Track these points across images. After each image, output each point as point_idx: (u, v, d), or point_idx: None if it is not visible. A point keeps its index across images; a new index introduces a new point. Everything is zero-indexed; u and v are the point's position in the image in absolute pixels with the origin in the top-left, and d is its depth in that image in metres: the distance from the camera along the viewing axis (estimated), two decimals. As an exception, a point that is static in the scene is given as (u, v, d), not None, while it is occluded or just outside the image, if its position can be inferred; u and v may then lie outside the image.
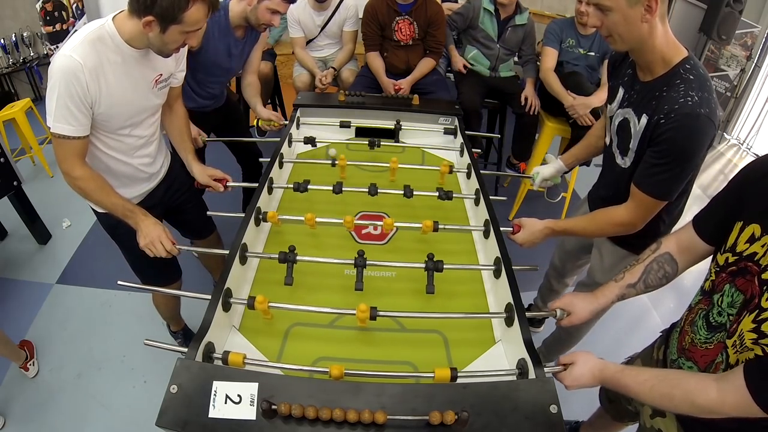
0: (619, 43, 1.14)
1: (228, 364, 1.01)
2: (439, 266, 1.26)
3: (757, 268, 0.81)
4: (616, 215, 1.27)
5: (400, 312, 1.19)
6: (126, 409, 1.85)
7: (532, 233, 1.39)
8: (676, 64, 1.12)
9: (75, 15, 4.31)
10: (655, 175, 1.16)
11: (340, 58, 2.88)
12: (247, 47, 1.99)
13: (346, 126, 2.10)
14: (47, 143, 3.49)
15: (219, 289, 1.13)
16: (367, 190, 1.58)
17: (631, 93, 1.24)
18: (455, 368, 1.01)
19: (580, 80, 2.43)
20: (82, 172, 1.29)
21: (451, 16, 2.68)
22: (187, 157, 1.66)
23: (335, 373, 0.98)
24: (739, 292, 0.85)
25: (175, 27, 1.17)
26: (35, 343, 2.08)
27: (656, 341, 1.22)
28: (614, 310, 2.12)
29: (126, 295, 2.32)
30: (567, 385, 0.97)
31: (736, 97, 3.94)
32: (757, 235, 0.83)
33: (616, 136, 1.31)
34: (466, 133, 2.00)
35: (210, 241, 1.93)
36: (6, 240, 2.74)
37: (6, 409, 1.85)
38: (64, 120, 1.20)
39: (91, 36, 1.19)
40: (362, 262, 1.25)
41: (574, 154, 1.65)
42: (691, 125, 1.06)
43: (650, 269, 1.07)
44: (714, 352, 0.90)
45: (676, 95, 1.08)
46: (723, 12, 3.41)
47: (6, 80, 4.31)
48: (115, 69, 1.24)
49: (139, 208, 1.37)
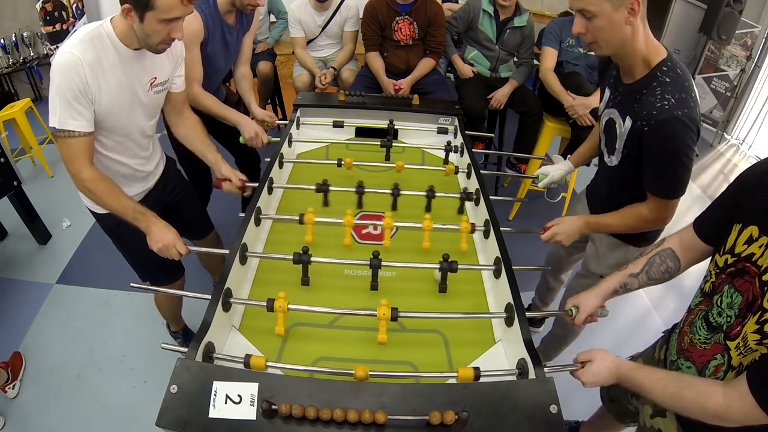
0: (604, 48, 1.16)
1: (250, 367, 1.00)
2: (453, 267, 1.26)
3: (756, 270, 0.82)
4: (641, 212, 1.29)
5: (400, 312, 1.18)
6: (126, 409, 1.85)
7: (569, 228, 1.41)
8: (654, 66, 1.15)
9: (75, 15, 4.31)
10: (657, 178, 1.19)
11: (341, 58, 2.88)
12: (241, 34, 1.97)
13: (339, 126, 2.09)
14: (47, 143, 3.49)
15: (219, 289, 1.13)
16: (371, 190, 1.58)
17: (616, 94, 1.28)
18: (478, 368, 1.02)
19: (579, 80, 2.43)
20: (91, 173, 1.27)
21: (450, 21, 2.68)
22: (215, 158, 1.60)
23: (360, 374, 0.97)
24: (738, 293, 0.86)
25: (150, 14, 1.16)
26: (34, 345, 2.08)
27: (658, 341, 1.23)
28: (614, 310, 2.12)
29: (126, 295, 2.32)
30: (585, 382, 0.99)
31: (736, 97, 3.94)
32: (755, 236, 0.84)
33: (603, 134, 1.35)
34: (466, 133, 2.00)
35: (209, 241, 1.93)
36: (6, 240, 2.74)
37: (6, 409, 1.85)
38: (68, 116, 1.20)
39: (90, 34, 1.20)
40: (377, 263, 1.25)
41: (582, 153, 1.66)
42: (669, 129, 1.09)
43: (653, 262, 1.09)
44: (711, 352, 0.92)
45: (653, 99, 1.11)
46: (723, 12, 3.41)
47: (6, 80, 4.31)
48: (113, 68, 1.25)
49: (150, 211, 1.35)
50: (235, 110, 1.92)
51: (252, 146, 1.93)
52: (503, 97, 2.67)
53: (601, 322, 1.57)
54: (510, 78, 2.70)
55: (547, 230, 1.45)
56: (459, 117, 2.12)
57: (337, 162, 1.75)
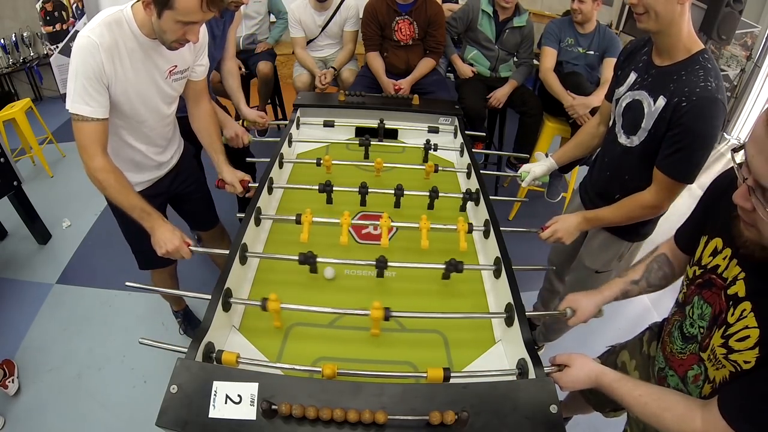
0: (653, 21, 1.16)
1: (222, 363, 1.01)
2: (459, 267, 1.27)
3: (722, 282, 0.84)
4: (642, 199, 1.31)
5: (400, 312, 1.18)
6: (126, 409, 1.85)
7: (569, 225, 1.42)
8: (695, 52, 1.18)
9: (75, 15, 4.31)
10: (676, 158, 1.20)
11: (341, 58, 2.88)
12: (227, 26, 1.94)
13: (330, 126, 2.09)
14: (47, 143, 3.49)
15: (219, 289, 1.13)
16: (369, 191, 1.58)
17: (645, 77, 1.28)
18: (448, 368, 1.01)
19: (579, 80, 2.43)
20: (102, 163, 1.26)
21: (449, 21, 2.68)
22: (218, 158, 1.61)
23: (327, 372, 0.97)
24: (707, 305, 0.89)
25: (169, 13, 1.16)
26: (34, 345, 2.08)
27: (644, 334, 1.25)
28: (615, 310, 2.12)
29: (126, 295, 2.32)
30: (562, 386, 0.99)
31: (736, 97, 3.94)
32: (720, 248, 0.86)
33: (621, 117, 1.35)
34: (465, 133, 2.00)
35: (214, 234, 1.93)
36: (6, 240, 2.74)
37: (6, 409, 1.85)
38: (81, 100, 1.20)
39: (108, 19, 1.21)
40: (383, 265, 1.25)
41: (565, 151, 1.68)
42: (710, 108, 1.12)
43: (651, 268, 1.11)
44: (688, 362, 0.94)
45: (696, 79, 1.14)
46: (723, 12, 3.40)
47: (6, 80, 4.31)
48: (131, 54, 1.25)
49: (156, 212, 1.33)
50: (221, 110, 1.90)
51: (232, 146, 1.91)
52: (503, 96, 2.67)
53: (602, 321, 1.57)
54: (510, 78, 2.70)
55: (546, 229, 1.45)
56: (459, 117, 2.12)
57: (316, 161, 1.74)
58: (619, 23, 4.16)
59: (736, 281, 0.81)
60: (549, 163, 1.66)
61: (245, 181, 1.62)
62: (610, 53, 2.41)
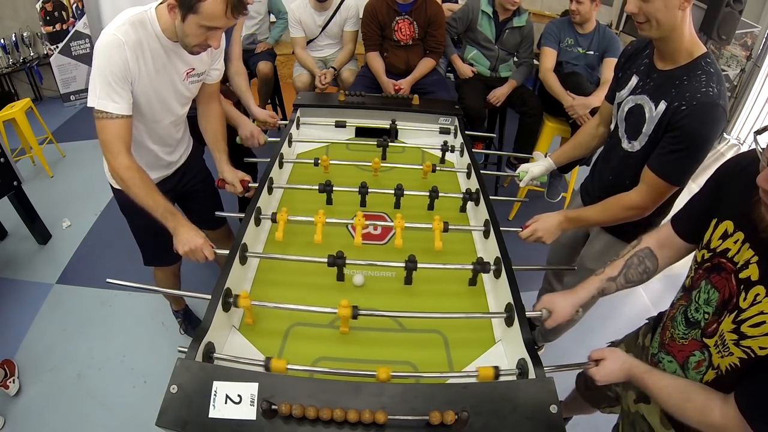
0: (654, 29, 1.16)
1: (270, 370, 1.00)
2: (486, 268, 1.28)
3: (732, 266, 0.83)
4: (627, 199, 1.30)
5: (400, 312, 1.19)
6: (126, 409, 1.85)
7: (549, 224, 1.40)
8: (697, 56, 1.17)
9: (75, 15, 4.31)
10: (669, 159, 1.20)
11: (341, 58, 2.88)
12: (231, 27, 1.93)
13: (342, 126, 2.09)
14: (47, 143, 3.49)
15: (219, 289, 1.13)
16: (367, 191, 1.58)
17: (647, 81, 1.28)
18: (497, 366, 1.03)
19: (579, 80, 2.43)
20: (127, 161, 1.26)
21: (449, 21, 2.68)
22: (220, 157, 1.61)
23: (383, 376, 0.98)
24: (714, 290, 0.87)
25: (193, 17, 1.17)
26: (34, 345, 2.08)
27: (641, 328, 1.25)
28: (614, 310, 2.12)
29: (126, 295, 2.32)
30: (598, 380, 1.00)
31: (735, 97, 3.94)
32: (730, 232, 0.85)
33: (623, 122, 1.34)
34: (466, 133, 2.00)
35: (220, 234, 1.94)
36: (6, 240, 2.74)
37: (6, 408, 1.85)
38: (107, 97, 1.20)
39: (133, 18, 1.22)
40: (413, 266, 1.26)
41: (564, 151, 1.67)
42: (710, 113, 1.11)
43: (630, 264, 1.08)
44: (689, 347, 0.93)
45: (698, 84, 1.14)
46: (723, 12, 3.40)
47: (6, 80, 4.31)
48: (153, 54, 1.27)
49: (179, 212, 1.32)
50: (236, 110, 1.92)
51: (248, 146, 1.93)
52: (502, 95, 2.67)
53: (601, 320, 1.56)
54: (509, 78, 2.70)
55: (526, 228, 1.43)
56: (459, 117, 2.12)
57: (313, 161, 1.74)
58: (619, 23, 4.16)
59: (748, 265, 0.79)
60: (547, 163, 1.66)
61: (245, 181, 1.62)
62: (610, 53, 2.41)
